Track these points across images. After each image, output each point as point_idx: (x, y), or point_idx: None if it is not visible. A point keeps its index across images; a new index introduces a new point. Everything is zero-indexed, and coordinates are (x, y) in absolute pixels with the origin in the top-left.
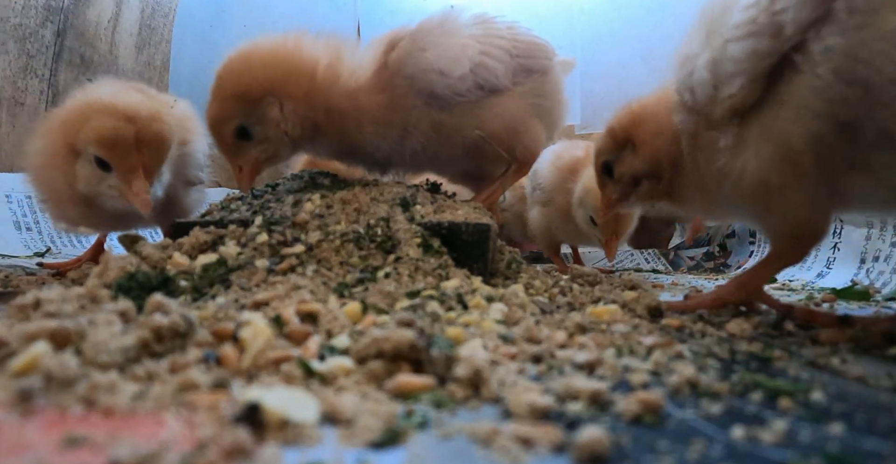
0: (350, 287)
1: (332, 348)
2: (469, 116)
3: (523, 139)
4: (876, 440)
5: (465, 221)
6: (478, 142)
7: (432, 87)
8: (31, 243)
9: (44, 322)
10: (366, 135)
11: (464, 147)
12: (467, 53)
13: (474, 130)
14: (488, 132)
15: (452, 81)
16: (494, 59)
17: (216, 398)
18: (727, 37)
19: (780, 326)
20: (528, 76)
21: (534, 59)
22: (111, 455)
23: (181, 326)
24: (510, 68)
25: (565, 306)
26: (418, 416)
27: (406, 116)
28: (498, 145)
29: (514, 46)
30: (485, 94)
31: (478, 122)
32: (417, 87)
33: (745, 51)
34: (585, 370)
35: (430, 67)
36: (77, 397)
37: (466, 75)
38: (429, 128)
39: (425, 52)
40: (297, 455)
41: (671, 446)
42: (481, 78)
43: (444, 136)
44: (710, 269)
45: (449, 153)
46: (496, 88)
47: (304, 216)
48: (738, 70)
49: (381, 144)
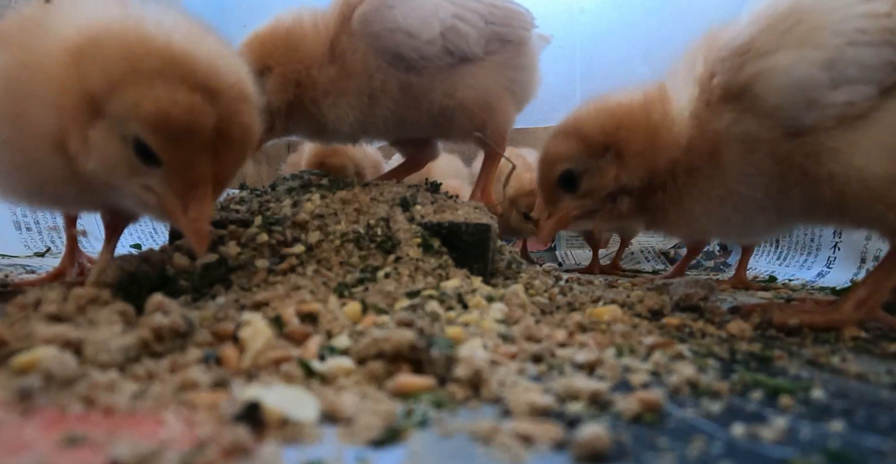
0: (350, 287)
1: (332, 348)
2: (439, 79)
3: (495, 119)
4: (876, 437)
5: (465, 221)
6: (446, 111)
7: (397, 48)
8: (31, 243)
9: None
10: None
11: (429, 113)
12: (438, 15)
13: (444, 95)
14: (459, 102)
15: (419, 44)
16: (468, 23)
17: (216, 397)
18: (848, 39)
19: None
20: (502, 45)
21: (510, 27)
22: (111, 454)
23: (181, 325)
24: (484, 35)
25: (565, 306)
26: (418, 415)
27: (368, 80)
28: (468, 120)
29: (490, 12)
30: (454, 61)
31: (449, 88)
32: (381, 46)
33: (879, 59)
34: (585, 370)
35: (397, 27)
36: (77, 396)
37: (436, 39)
38: (396, 90)
39: (392, 9)
40: (297, 454)
41: (671, 443)
42: (451, 43)
43: (412, 98)
44: (710, 268)
45: (415, 118)
46: (467, 56)
47: (304, 216)
48: (865, 77)
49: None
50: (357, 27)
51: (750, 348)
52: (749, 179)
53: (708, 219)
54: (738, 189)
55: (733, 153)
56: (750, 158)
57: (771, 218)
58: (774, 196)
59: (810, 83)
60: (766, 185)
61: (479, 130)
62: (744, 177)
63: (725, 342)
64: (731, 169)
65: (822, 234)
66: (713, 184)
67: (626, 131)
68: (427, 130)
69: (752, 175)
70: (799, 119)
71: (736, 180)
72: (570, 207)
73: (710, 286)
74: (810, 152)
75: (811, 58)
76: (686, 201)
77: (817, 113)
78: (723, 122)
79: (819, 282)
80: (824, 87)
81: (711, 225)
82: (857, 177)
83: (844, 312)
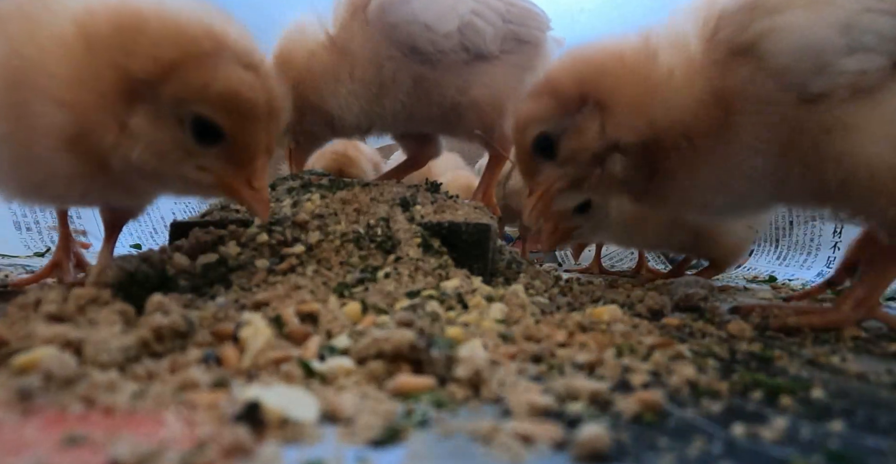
0: (350, 287)
1: (332, 348)
2: (453, 75)
3: (504, 121)
4: (877, 437)
5: (466, 221)
6: (458, 107)
7: (414, 40)
8: (31, 243)
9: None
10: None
11: (441, 108)
12: (457, 9)
13: (457, 91)
14: (471, 99)
15: (436, 37)
16: (485, 20)
17: (216, 397)
18: (866, 5)
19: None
20: (518, 45)
21: (526, 27)
22: (111, 454)
23: (181, 325)
24: (500, 34)
25: (565, 306)
26: (418, 415)
27: (378, 71)
28: (478, 118)
29: (507, 11)
30: (470, 57)
31: (463, 84)
32: (397, 37)
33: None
34: (585, 370)
35: (415, 18)
36: (77, 395)
37: (452, 33)
38: (409, 81)
39: (411, 1)
40: (297, 453)
41: (672, 443)
42: (468, 39)
43: (424, 90)
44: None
45: (426, 112)
46: (482, 53)
47: (304, 216)
48: (880, 47)
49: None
50: (374, 16)
51: (750, 348)
52: (758, 147)
53: (714, 191)
54: (746, 159)
55: (746, 115)
56: (762, 123)
57: (766, 195)
58: (777, 172)
59: (824, 46)
60: (773, 156)
61: (487, 130)
62: (754, 144)
63: (725, 342)
64: (743, 134)
65: (822, 233)
66: (722, 152)
67: (611, 77)
68: (436, 126)
69: (763, 142)
70: (806, 85)
71: (745, 148)
72: (552, 177)
73: (710, 286)
74: (824, 124)
75: (828, 18)
76: (699, 168)
77: (827, 80)
78: (735, 79)
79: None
80: (838, 52)
81: (717, 198)
82: (866, 163)
83: (843, 313)
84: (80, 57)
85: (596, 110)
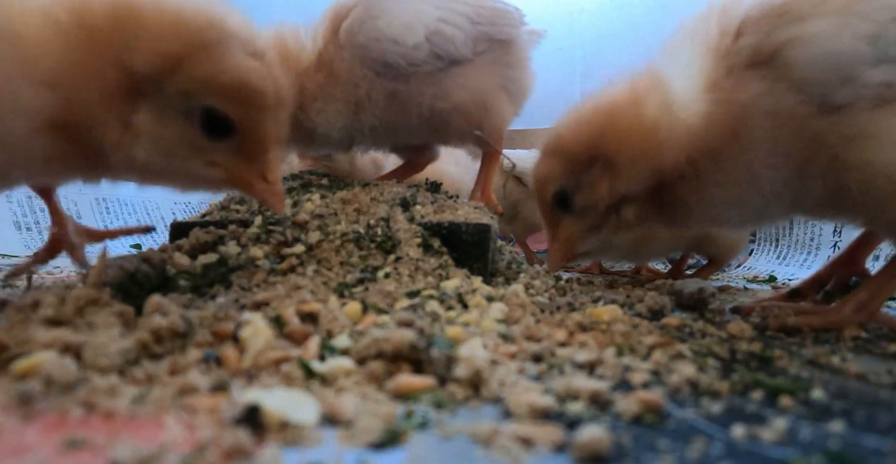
0: (350, 287)
1: (332, 349)
2: (429, 84)
3: (492, 118)
4: (876, 437)
5: (466, 221)
6: (442, 114)
7: (384, 57)
8: (31, 243)
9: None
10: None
11: (421, 118)
12: (422, 20)
13: (436, 99)
14: (453, 104)
15: (406, 50)
16: (453, 25)
17: (216, 401)
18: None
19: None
20: (492, 45)
21: (497, 26)
22: (111, 457)
23: (180, 326)
24: (471, 36)
25: (565, 306)
26: (418, 416)
27: (355, 89)
28: (465, 121)
29: (476, 13)
30: (444, 64)
31: (441, 92)
32: (369, 56)
33: None
34: (586, 370)
35: (383, 35)
36: (77, 400)
37: (421, 44)
38: (382, 98)
39: (377, 19)
40: (297, 456)
41: (672, 444)
42: (438, 47)
43: (400, 104)
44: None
45: (406, 123)
46: (456, 58)
47: (304, 216)
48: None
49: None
50: (344, 39)
51: (750, 348)
52: (775, 161)
53: (730, 207)
54: (762, 172)
55: (761, 129)
56: (779, 136)
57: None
58: (794, 184)
59: (851, 56)
60: (790, 169)
61: (476, 130)
62: (770, 158)
63: (725, 342)
64: (757, 148)
65: (822, 233)
66: (737, 166)
67: (611, 137)
68: (423, 136)
69: (779, 156)
70: (829, 96)
71: (761, 162)
72: (571, 227)
73: (710, 286)
74: (844, 134)
75: (856, 29)
76: (708, 189)
77: (850, 91)
78: (750, 92)
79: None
80: (865, 64)
81: (733, 213)
82: (884, 171)
83: (844, 315)
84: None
85: (604, 167)
